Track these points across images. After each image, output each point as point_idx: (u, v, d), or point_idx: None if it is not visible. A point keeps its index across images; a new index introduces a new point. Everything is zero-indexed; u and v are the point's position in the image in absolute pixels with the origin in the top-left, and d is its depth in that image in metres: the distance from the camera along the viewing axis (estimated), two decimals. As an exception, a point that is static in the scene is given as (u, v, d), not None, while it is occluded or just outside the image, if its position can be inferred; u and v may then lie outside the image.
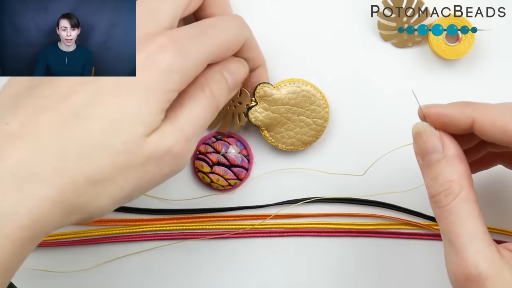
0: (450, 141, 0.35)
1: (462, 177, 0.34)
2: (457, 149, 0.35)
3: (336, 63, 0.45)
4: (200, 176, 0.46)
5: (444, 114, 0.35)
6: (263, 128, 0.44)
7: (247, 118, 0.44)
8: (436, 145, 0.35)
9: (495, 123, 0.34)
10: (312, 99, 0.44)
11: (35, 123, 0.30)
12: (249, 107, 0.43)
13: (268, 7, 0.45)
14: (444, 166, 0.34)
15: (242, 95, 0.43)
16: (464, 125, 0.35)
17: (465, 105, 0.35)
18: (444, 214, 0.34)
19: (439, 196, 0.34)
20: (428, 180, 0.35)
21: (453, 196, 0.33)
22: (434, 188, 0.34)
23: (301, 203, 0.46)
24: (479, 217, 0.33)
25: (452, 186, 0.34)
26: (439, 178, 0.34)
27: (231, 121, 0.45)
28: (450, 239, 0.33)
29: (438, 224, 0.34)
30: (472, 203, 0.33)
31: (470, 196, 0.34)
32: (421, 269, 0.46)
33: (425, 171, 0.35)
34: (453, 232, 0.33)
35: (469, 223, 0.33)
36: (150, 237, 0.46)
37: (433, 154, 0.35)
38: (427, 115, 0.35)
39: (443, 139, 0.35)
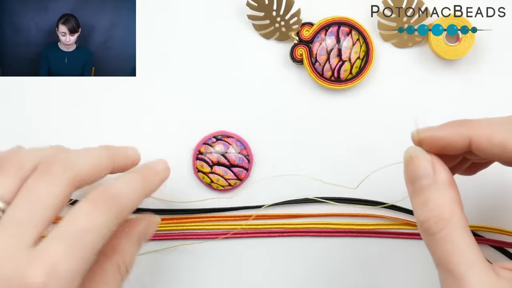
0: (441, 166, 0.34)
1: (453, 203, 0.33)
2: (448, 175, 0.33)
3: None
4: (200, 176, 0.46)
5: (440, 137, 0.34)
6: None
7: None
8: (426, 170, 0.33)
9: (492, 140, 0.33)
10: None
11: None
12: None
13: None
14: (434, 191, 0.33)
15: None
16: (461, 145, 0.34)
17: (459, 124, 0.34)
18: (437, 242, 0.32)
19: (429, 223, 0.32)
20: (417, 206, 0.33)
21: (444, 222, 0.32)
22: (424, 215, 0.33)
23: (301, 203, 0.46)
24: (474, 243, 0.32)
25: (443, 212, 0.32)
26: (429, 204, 0.33)
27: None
28: (447, 268, 0.32)
29: (430, 251, 0.33)
30: (465, 230, 0.32)
31: (463, 222, 0.32)
32: (421, 269, 0.46)
33: (414, 197, 0.34)
34: (451, 261, 0.31)
35: (467, 252, 0.31)
36: (150, 237, 0.46)
37: (424, 179, 0.33)
38: (423, 140, 0.34)
39: (434, 164, 0.34)
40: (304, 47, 0.45)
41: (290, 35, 0.46)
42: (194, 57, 0.46)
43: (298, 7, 0.45)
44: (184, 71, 0.46)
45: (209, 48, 0.46)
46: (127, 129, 0.46)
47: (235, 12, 0.46)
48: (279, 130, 0.46)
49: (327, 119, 0.46)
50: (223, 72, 0.46)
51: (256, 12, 0.46)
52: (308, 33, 0.45)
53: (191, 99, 0.46)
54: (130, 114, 0.46)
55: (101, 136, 0.46)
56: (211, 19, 0.46)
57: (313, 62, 0.45)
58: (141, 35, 0.46)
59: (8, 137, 0.46)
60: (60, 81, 0.46)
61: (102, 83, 0.46)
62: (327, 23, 0.45)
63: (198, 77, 0.46)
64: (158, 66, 0.46)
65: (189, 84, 0.46)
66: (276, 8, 0.45)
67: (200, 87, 0.46)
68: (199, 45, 0.46)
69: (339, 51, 0.45)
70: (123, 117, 0.46)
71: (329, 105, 0.46)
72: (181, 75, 0.46)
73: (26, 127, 0.46)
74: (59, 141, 0.46)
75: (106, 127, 0.46)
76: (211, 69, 0.46)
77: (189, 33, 0.46)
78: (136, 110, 0.46)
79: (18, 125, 0.46)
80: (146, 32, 0.46)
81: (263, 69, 0.46)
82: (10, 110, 0.46)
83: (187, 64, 0.46)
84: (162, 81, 0.46)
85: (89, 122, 0.46)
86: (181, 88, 0.46)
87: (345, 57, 0.45)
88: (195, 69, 0.46)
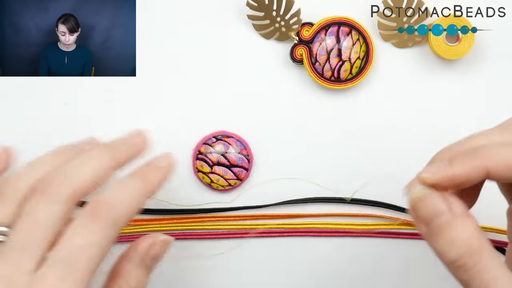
0: (452, 198, 0.32)
1: (477, 231, 0.31)
2: (461, 204, 0.32)
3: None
4: (200, 176, 0.46)
5: (454, 177, 0.31)
6: None
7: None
8: (441, 207, 0.31)
9: (511, 167, 0.31)
10: None
11: None
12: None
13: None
14: (456, 226, 0.31)
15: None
16: (478, 178, 0.32)
17: (471, 156, 0.32)
18: (475, 275, 0.30)
19: (463, 260, 0.30)
20: (442, 247, 0.31)
21: (477, 254, 0.30)
22: (453, 253, 0.31)
23: (301, 203, 0.46)
24: (504, 264, 0.31)
25: (473, 244, 0.30)
26: (456, 241, 0.31)
27: None
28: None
29: (462, 284, 0.31)
30: (494, 253, 0.31)
31: (490, 245, 0.31)
32: (421, 269, 0.46)
33: (434, 237, 0.31)
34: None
35: (503, 275, 0.30)
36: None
37: (441, 217, 0.31)
38: (437, 184, 0.32)
39: (447, 198, 0.32)
40: (304, 47, 0.45)
41: (290, 35, 0.46)
42: (194, 57, 0.46)
43: (298, 7, 0.45)
44: (184, 71, 0.46)
45: (209, 48, 0.46)
46: (127, 129, 0.46)
47: (235, 12, 0.46)
48: (279, 130, 0.46)
49: (327, 119, 0.46)
50: (223, 72, 0.46)
51: (256, 12, 0.46)
52: (308, 33, 0.45)
53: (191, 99, 0.46)
54: (130, 114, 0.46)
55: (101, 136, 0.46)
56: (211, 19, 0.46)
57: (313, 62, 0.45)
58: (141, 35, 0.46)
59: (8, 137, 0.46)
60: (60, 81, 0.46)
61: (102, 83, 0.46)
62: (327, 23, 0.45)
63: (198, 77, 0.46)
64: (158, 66, 0.46)
65: (189, 84, 0.46)
66: (276, 8, 0.45)
67: (200, 87, 0.46)
68: (199, 45, 0.46)
69: (339, 51, 0.45)
70: (123, 117, 0.46)
71: (329, 105, 0.46)
72: (181, 75, 0.46)
73: (26, 127, 0.46)
74: (59, 141, 0.46)
75: (106, 127, 0.46)
76: (211, 69, 0.46)
77: (189, 33, 0.46)
78: (136, 110, 0.46)
79: (18, 125, 0.46)
80: (146, 32, 0.46)
81: (263, 69, 0.46)
82: (10, 110, 0.46)
83: (187, 64, 0.46)
84: (162, 81, 0.46)
85: (89, 122, 0.46)
86: (181, 88, 0.46)
87: (345, 57, 0.45)
88: (195, 69, 0.46)
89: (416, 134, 0.46)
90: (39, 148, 0.46)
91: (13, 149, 0.35)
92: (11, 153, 0.36)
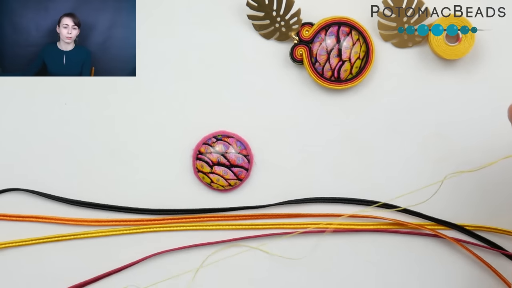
0: None
1: None
2: None
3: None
4: (200, 176, 0.46)
5: None
6: None
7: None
8: None
9: None
10: None
11: None
12: None
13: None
14: None
15: None
16: None
17: None
18: None
19: None
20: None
21: None
22: None
23: (301, 203, 0.46)
24: None
25: None
26: None
27: None
28: None
29: None
30: None
31: None
32: (421, 269, 0.46)
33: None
34: None
35: None
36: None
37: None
38: None
39: None
40: (304, 47, 0.45)
41: (290, 35, 0.46)
42: (194, 57, 0.46)
43: (298, 7, 0.45)
44: (184, 71, 0.46)
45: (209, 48, 0.46)
46: (127, 129, 0.46)
47: (235, 12, 0.46)
48: (279, 130, 0.46)
49: (327, 119, 0.46)
50: (223, 72, 0.46)
51: (256, 12, 0.46)
52: (308, 33, 0.45)
53: (191, 99, 0.46)
54: (130, 114, 0.46)
55: (101, 136, 0.46)
56: (211, 19, 0.46)
57: (313, 62, 0.45)
58: (141, 35, 0.46)
59: (8, 137, 0.46)
60: (60, 81, 0.46)
61: (102, 83, 0.46)
62: (327, 23, 0.45)
63: (198, 77, 0.46)
64: (158, 66, 0.46)
65: (189, 84, 0.46)
66: (276, 8, 0.45)
67: (200, 87, 0.46)
68: (199, 45, 0.46)
69: (339, 51, 0.45)
70: (123, 117, 0.46)
71: (329, 105, 0.46)
72: (181, 75, 0.46)
73: (26, 127, 0.46)
74: (59, 141, 0.46)
75: (106, 127, 0.46)
76: (211, 69, 0.46)
77: (189, 33, 0.46)
78: (136, 110, 0.46)
79: (18, 125, 0.46)
80: (146, 32, 0.46)
81: (263, 69, 0.46)
82: (10, 110, 0.46)
83: (187, 64, 0.46)
84: (162, 81, 0.46)
85: (89, 122, 0.46)
86: (181, 88, 0.46)
87: (345, 57, 0.45)
88: (195, 69, 0.46)
89: (416, 134, 0.46)
90: (39, 148, 0.46)
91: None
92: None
